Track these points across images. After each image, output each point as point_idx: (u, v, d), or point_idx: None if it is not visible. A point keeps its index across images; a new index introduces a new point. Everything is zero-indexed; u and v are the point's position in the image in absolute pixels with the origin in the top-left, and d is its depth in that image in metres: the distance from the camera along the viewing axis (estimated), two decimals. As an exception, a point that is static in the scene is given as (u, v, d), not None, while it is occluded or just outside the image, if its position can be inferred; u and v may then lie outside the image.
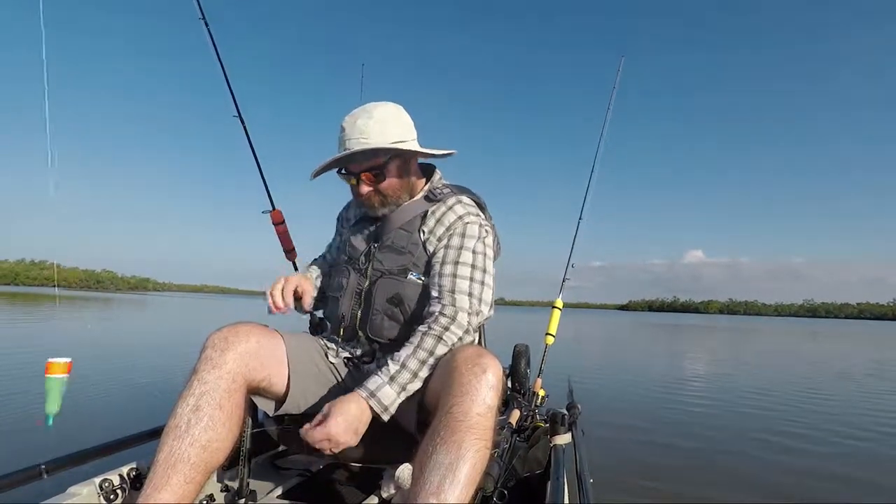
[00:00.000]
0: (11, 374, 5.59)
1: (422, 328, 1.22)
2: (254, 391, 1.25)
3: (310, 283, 1.42)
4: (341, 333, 1.41)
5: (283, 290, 1.35)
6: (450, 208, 1.34)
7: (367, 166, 1.30)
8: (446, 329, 1.20)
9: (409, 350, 1.19)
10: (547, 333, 2.75)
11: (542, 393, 2.29)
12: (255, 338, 1.22)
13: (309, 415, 1.30)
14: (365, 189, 1.31)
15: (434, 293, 1.28)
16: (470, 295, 1.26)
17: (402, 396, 1.16)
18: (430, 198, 1.36)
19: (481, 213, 1.39)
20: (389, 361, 1.18)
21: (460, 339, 1.21)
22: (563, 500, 1.06)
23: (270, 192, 2.28)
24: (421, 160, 1.44)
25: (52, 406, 1.11)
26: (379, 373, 1.17)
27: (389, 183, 1.32)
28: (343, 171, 1.34)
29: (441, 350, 1.18)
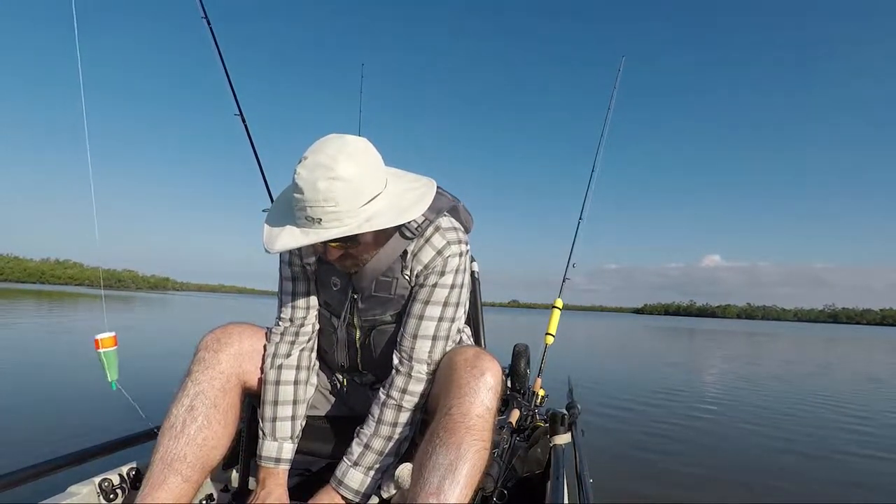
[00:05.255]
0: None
1: (381, 394, 1.17)
2: (249, 392, 1.24)
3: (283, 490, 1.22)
4: (343, 375, 1.37)
5: None
6: (427, 241, 1.16)
7: (335, 236, 1.01)
8: (404, 392, 1.14)
9: (371, 427, 1.15)
10: (547, 333, 2.76)
11: (541, 393, 2.28)
12: (248, 339, 1.22)
13: (307, 416, 1.30)
14: (334, 254, 1.08)
15: (399, 335, 1.19)
16: (434, 338, 1.16)
17: (374, 474, 1.13)
18: (406, 234, 1.15)
19: (458, 231, 1.21)
20: (354, 443, 1.16)
21: (421, 393, 1.16)
22: (563, 500, 1.06)
23: (271, 189, 2.29)
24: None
25: (113, 374, 1.26)
26: (346, 456, 1.15)
27: (364, 247, 1.09)
28: None
29: (404, 416, 1.15)
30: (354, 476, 1.12)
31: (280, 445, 1.21)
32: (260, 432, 1.23)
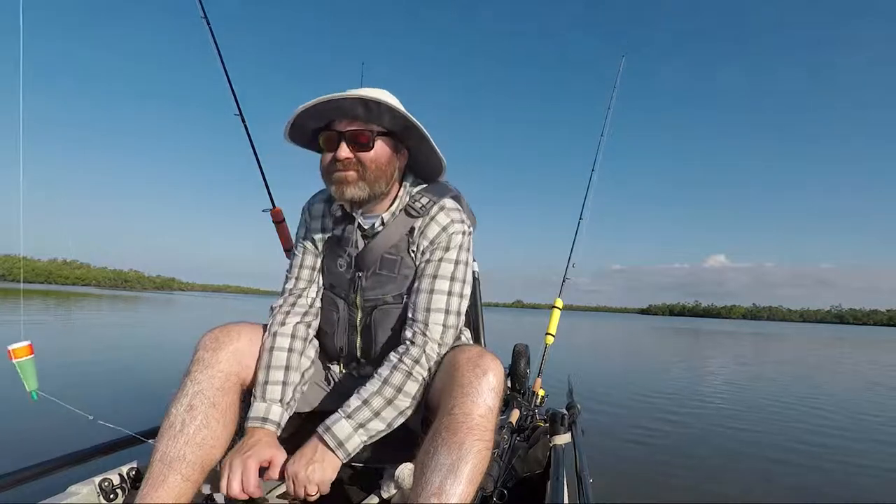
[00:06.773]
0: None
1: (393, 357, 1.16)
2: (249, 390, 1.23)
3: (278, 450, 1.11)
4: (341, 363, 1.37)
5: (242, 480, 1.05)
6: (433, 219, 1.23)
7: (357, 128, 1.14)
8: (416, 362, 1.14)
9: (375, 385, 1.13)
10: (547, 333, 2.76)
11: (541, 393, 2.29)
12: (247, 337, 1.22)
13: (307, 414, 1.30)
14: (345, 153, 1.13)
15: (409, 311, 1.21)
16: (446, 312, 1.19)
17: (362, 434, 1.10)
18: (412, 213, 1.23)
19: (462, 212, 1.28)
20: (353, 398, 1.13)
21: (429, 370, 1.16)
22: (563, 500, 1.06)
23: (271, 189, 2.29)
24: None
25: (32, 383, 1.20)
26: (340, 409, 1.12)
27: (375, 156, 1.15)
28: (324, 128, 1.17)
29: (411, 387, 1.13)
30: (343, 427, 1.09)
31: (269, 407, 1.18)
32: (251, 399, 1.20)
